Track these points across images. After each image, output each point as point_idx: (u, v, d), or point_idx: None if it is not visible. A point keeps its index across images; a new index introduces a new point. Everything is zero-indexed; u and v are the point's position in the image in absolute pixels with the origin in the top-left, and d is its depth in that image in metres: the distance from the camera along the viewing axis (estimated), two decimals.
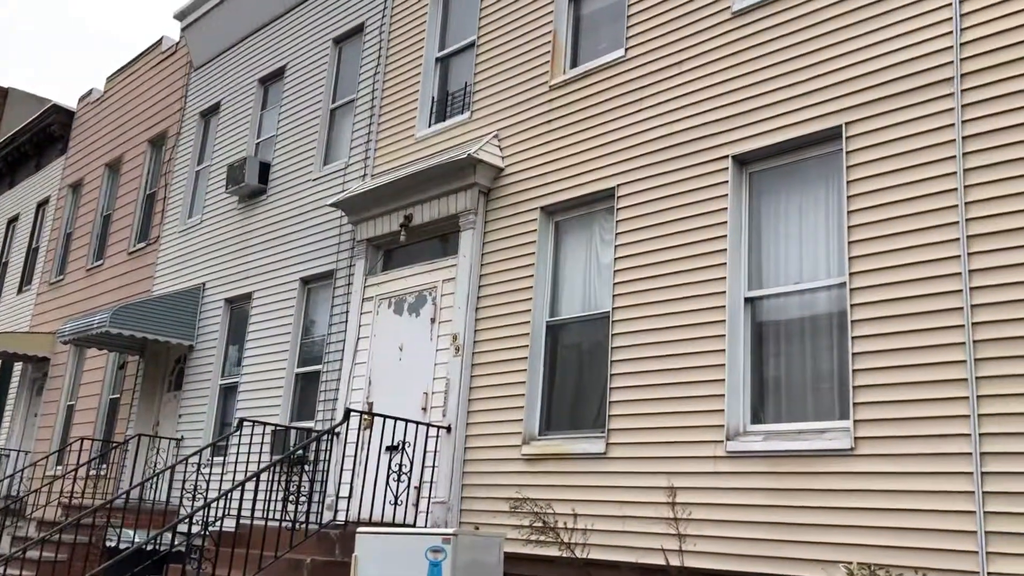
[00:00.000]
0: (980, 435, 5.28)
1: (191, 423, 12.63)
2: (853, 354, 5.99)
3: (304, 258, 11.36)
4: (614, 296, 7.60)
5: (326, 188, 11.37)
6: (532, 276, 8.35)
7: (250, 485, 7.59)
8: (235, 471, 9.81)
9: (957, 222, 5.66)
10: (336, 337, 10.44)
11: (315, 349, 11.00)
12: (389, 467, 8.20)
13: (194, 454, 9.69)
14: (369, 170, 10.76)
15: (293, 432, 10.37)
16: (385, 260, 10.20)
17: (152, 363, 13.98)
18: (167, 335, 12.88)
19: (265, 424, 9.70)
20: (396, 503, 8.14)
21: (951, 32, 5.96)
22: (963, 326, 5.48)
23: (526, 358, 8.17)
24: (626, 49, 8.16)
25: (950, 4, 6.01)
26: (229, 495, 7.66)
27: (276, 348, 11.42)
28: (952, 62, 5.91)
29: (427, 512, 8.34)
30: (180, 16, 15.39)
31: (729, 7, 7.40)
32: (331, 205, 10.51)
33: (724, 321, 6.74)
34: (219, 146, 14.05)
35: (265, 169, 12.56)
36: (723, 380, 6.62)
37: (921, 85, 6.04)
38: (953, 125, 5.81)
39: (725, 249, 6.88)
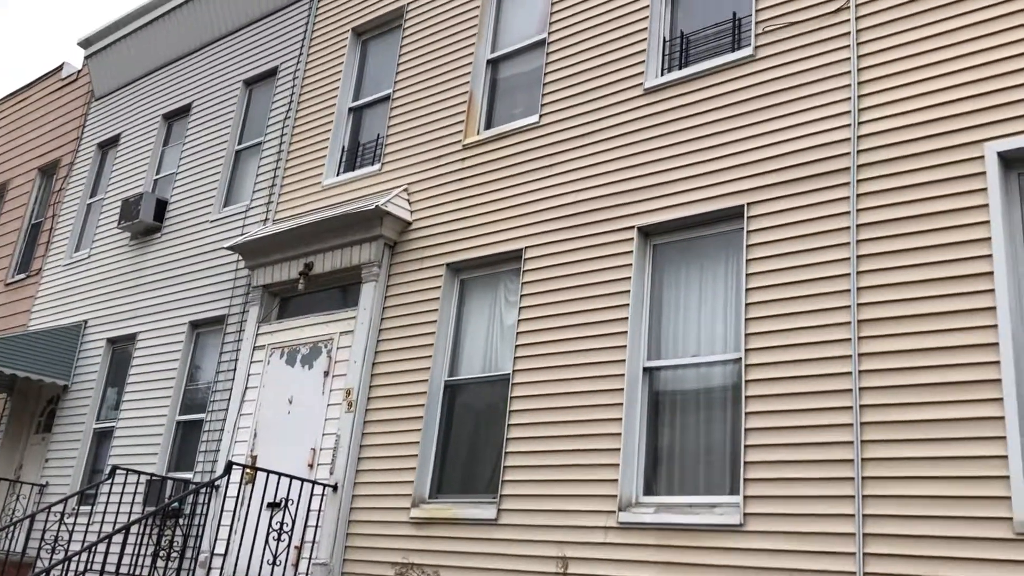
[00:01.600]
0: (864, 516, 5.38)
1: (59, 469, 11.83)
2: (745, 430, 6.06)
3: (195, 301, 10.93)
4: (515, 359, 7.53)
5: (225, 230, 11.02)
6: (433, 333, 8.22)
7: (118, 538, 7.11)
8: (103, 522, 9.19)
9: (849, 306, 5.84)
10: (223, 385, 10.01)
11: (200, 396, 10.52)
12: (270, 524, 7.82)
13: (59, 502, 9.05)
14: (271, 215, 10.50)
15: (170, 483, 9.82)
16: (281, 308, 9.90)
17: (21, 402, 13.11)
18: (40, 373, 12.12)
19: (140, 473, 9.16)
20: (275, 563, 7.74)
21: (849, 124, 6.24)
22: (851, 408, 5.62)
23: (421, 418, 7.99)
24: (540, 115, 8.26)
25: (848, 98, 6.31)
26: (94, 548, 7.13)
27: (158, 393, 10.87)
28: (849, 153, 6.17)
29: (307, 573, 7.96)
30: (85, 44, 14.89)
31: (641, 84, 7.59)
32: (229, 248, 10.18)
33: (622, 390, 6.75)
34: (115, 179, 13.52)
35: (162, 206, 12.12)
36: (618, 449, 6.60)
37: (820, 172, 6.28)
38: (848, 213, 6.04)
39: (627, 318, 6.93)
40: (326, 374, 8.83)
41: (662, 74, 7.66)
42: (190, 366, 10.85)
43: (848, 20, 6.51)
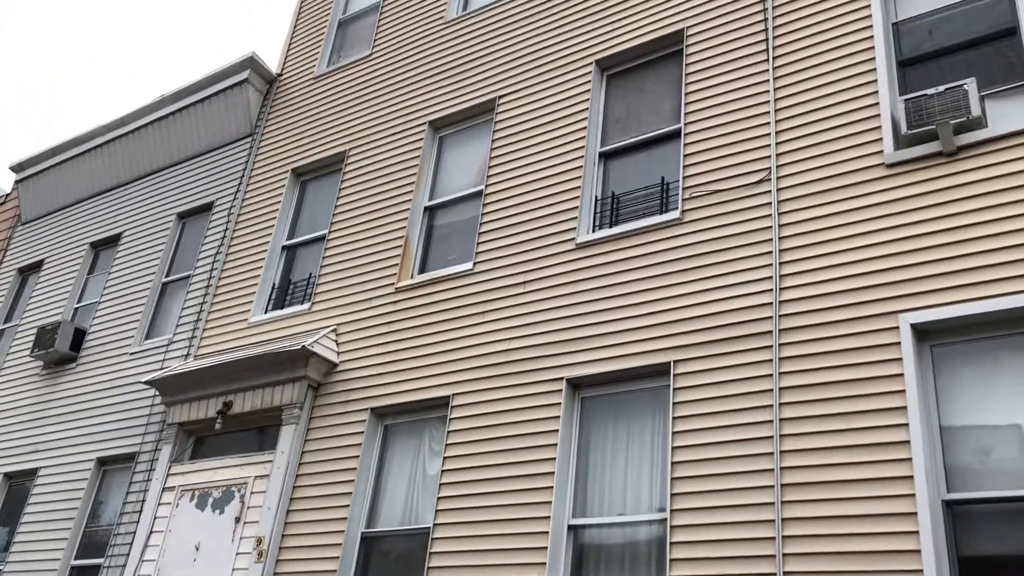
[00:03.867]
0: None
1: None
2: None
3: (105, 436, 10.42)
4: (437, 511, 7.29)
5: (144, 364, 10.67)
6: (352, 482, 7.94)
7: None
8: None
9: (772, 469, 5.85)
10: (126, 528, 9.43)
11: (100, 539, 9.86)
12: None
13: None
14: (194, 350, 10.23)
15: None
16: (195, 448, 9.49)
17: None
18: None
19: None
20: None
21: (771, 290, 6.45)
22: (775, 574, 5.53)
23: (335, 571, 7.59)
24: (475, 263, 8.35)
25: (771, 264, 6.54)
26: None
27: (54, 535, 10.16)
28: (771, 317, 6.35)
29: None
30: (17, 168, 14.72)
31: (573, 239, 7.78)
32: (145, 383, 9.82)
33: (546, 548, 6.55)
34: (33, 306, 13.09)
35: (80, 336, 11.72)
36: None
37: (743, 335, 6.42)
38: (771, 376, 6.15)
39: (553, 472, 6.81)
40: (237, 520, 8.40)
41: (593, 231, 7.87)
42: (93, 506, 10.22)
43: (769, 191, 6.84)
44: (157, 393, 9.98)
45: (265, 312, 10.00)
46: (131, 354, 10.93)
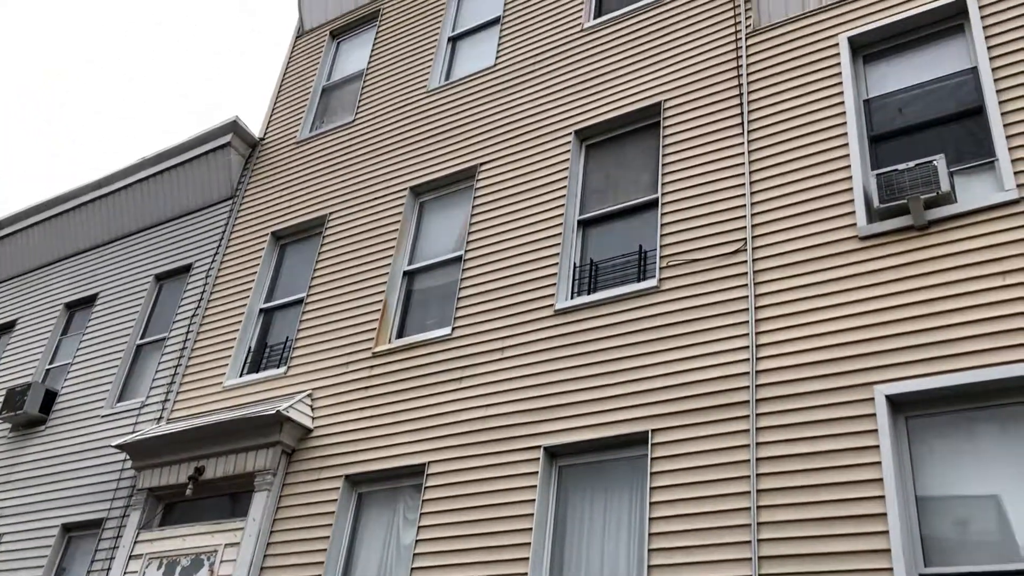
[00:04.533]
0: None
1: None
2: None
3: (72, 502, 10.18)
4: None
5: (115, 427, 10.49)
6: (325, 551, 7.78)
7: None
8: None
9: (749, 541, 5.80)
10: None
11: None
12: None
13: None
14: (167, 414, 10.08)
15: None
16: (165, 514, 9.28)
17: None
18: None
19: None
20: None
21: (748, 359, 6.48)
22: None
23: None
24: (453, 328, 8.34)
25: (747, 334, 6.59)
26: None
27: None
28: (748, 387, 6.36)
29: None
30: None
31: (552, 305, 7.80)
32: (116, 447, 9.64)
33: None
34: (4, 366, 12.89)
35: (50, 398, 11.53)
36: None
37: (721, 404, 6.43)
38: (748, 446, 6.14)
39: (529, 543, 6.71)
40: None
41: (572, 297, 7.90)
42: (56, 574, 9.93)
43: (745, 262, 6.93)
44: (127, 457, 9.80)
45: (240, 376, 9.90)
46: (102, 417, 10.75)
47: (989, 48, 6.72)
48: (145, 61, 50.43)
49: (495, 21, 10.66)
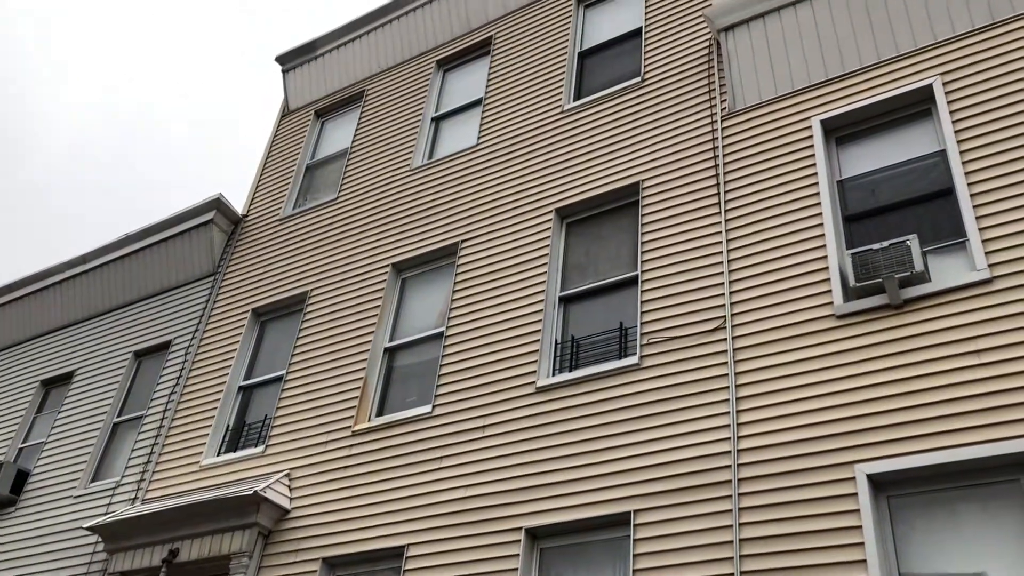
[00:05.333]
0: None
1: None
2: None
3: None
4: None
5: (88, 508, 10.26)
6: None
7: None
8: None
9: None
10: None
11: None
12: None
13: None
14: (142, 494, 9.88)
15: None
16: None
17: None
18: None
19: None
20: None
21: (729, 438, 6.46)
22: None
23: None
24: (433, 406, 8.29)
25: (728, 412, 6.59)
26: None
27: None
28: (730, 466, 6.33)
29: None
30: None
31: (534, 383, 7.79)
32: (88, 528, 9.42)
33: None
34: None
35: (22, 478, 11.29)
36: None
37: (703, 484, 6.38)
38: (731, 527, 6.07)
39: None
40: None
41: (553, 374, 7.89)
42: None
43: (725, 340, 6.97)
44: (99, 540, 9.56)
45: (218, 455, 9.75)
46: (75, 497, 10.52)
47: (956, 132, 6.91)
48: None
49: (477, 102, 10.88)
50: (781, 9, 8.34)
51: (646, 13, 9.92)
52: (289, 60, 13.42)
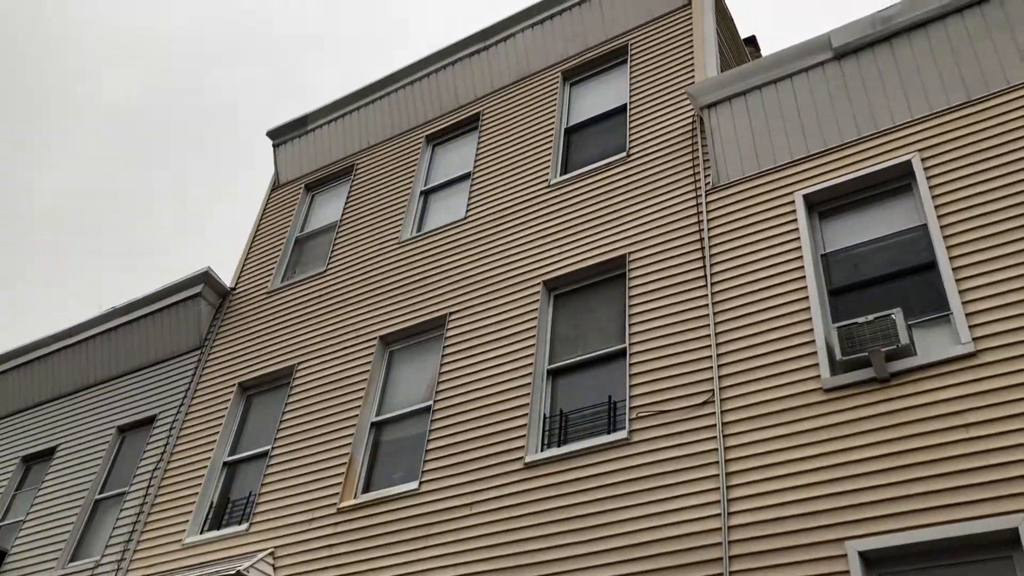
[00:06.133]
0: None
1: None
2: None
3: None
4: None
5: None
6: None
7: None
8: None
9: None
10: None
11: None
12: None
13: None
14: (122, 573, 9.64)
15: None
16: None
17: None
18: None
19: None
20: None
21: (720, 514, 6.38)
22: None
23: None
24: (420, 482, 8.18)
25: (718, 488, 6.52)
26: None
27: None
28: (721, 543, 6.24)
29: None
30: None
31: (522, 458, 7.71)
32: None
33: None
34: None
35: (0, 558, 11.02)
36: None
37: (694, 562, 6.28)
38: None
39: None
40: None
41: (542, 450, 7.82)
42: None
43: (714, 413, 6.94)
44: None
45: (201, 532, 9.56)
46: None
47: (936, 207, 7.03)
48: (117, 210, 51.11)
49: (466, 176, 11.02)
50: (762, 87, 8.54)
51: (631, 90, 10.13)
52: (281, 135, 13.60)
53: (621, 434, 7.31)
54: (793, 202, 7.82)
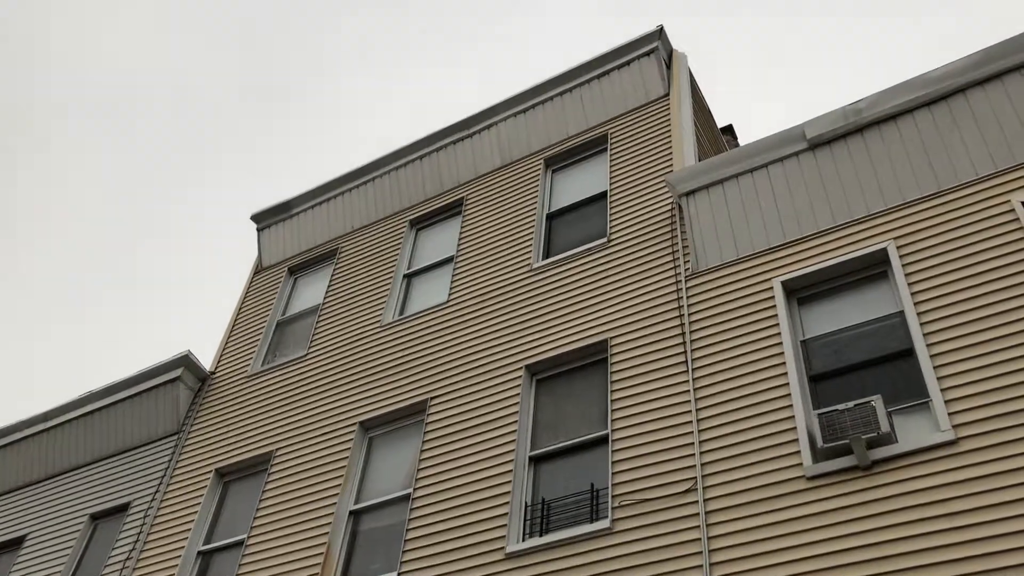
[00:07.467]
0: None
1: None
2: None
3: None
4: None
5: None
6: None
7: None
8: None
9: None
10: None
11: None
12: None
13: None
14: None
15: None
16: None
17: None
18: None
19: None
20: None
21: None
22: None
23: None
24: (399, 574, 7.98)
25: (701, 565, 6.41)
26: None
27: None
28: None
29: None
30: None
31: (503, 548, 7.56)
32: None
33: None
34: None
35: None
36: None
37: None
38: None
39: None
40: None
41: (523, 539, 7.68)
42: None
43: (697, 502, 6.86)
44: None
45: None
46: None
47: (912, 294, 7.12)
48: (92, 297, 50.90)
49: (448, 260, 11.09)
50: (739, 176, 8.72)
51: (611, 177, 10.32)
52: (264, 219, 13.69)
53: (604, 523, 7.20)
54: (772, 288, 7.90)
